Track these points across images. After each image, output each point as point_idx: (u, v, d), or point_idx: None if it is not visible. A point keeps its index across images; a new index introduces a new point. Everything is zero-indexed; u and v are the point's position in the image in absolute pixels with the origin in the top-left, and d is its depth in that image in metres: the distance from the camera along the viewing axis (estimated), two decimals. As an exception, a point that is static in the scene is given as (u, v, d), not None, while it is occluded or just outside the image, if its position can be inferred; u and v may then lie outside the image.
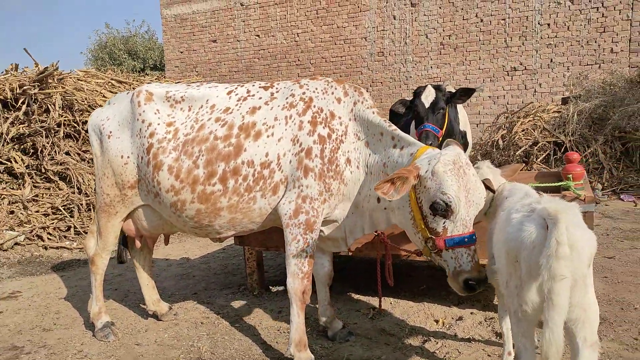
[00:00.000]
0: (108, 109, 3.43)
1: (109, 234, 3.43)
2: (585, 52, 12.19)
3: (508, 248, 1.94)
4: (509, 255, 1.95)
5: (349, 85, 3.12)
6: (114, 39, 29.64)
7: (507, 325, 2.53)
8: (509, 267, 1.98)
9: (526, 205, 2.04)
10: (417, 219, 2.55)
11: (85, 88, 7.96)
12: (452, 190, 2.37)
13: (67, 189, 6.98)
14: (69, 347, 3.41)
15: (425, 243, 2.56)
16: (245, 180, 2.97)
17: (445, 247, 2.46)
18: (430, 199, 2.44)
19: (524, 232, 1.84)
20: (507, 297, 2.03)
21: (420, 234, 2.57)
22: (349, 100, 3.06)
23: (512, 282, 1.98)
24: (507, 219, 2.07)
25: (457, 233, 2.45)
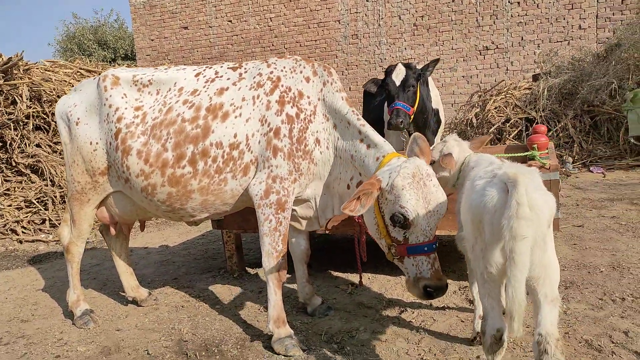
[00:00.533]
0: (75, 95, 3.37)
1: (82, 222, 3.41)
2: (554, 29, 12.41)
3: (472, 213, 2.01)
4: (473, 221, 2.02)
5: (318, 64, 3.12)
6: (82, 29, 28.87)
7: (476, 290, 2.63)
8: (474, 232, 2.06)
9: (489, 171, 2.11)
10: (380, 227, 2.59)
11: (53, 78, 7.76)
12: (410, 205, 2.41)
13: (39, 181, 6.85)
14: (48, 336, 3.40)
15: (388, 249, 2.60)
16: (214, 162, 2.97)
17: (406, 254, 2.51)
18: (390, 211, 2.48)
19: (486, 196, 1.91)
20: (474, 261, 2.11)
21: (384, 240, 2.61)
22: (318, 80, 3.06)
23: (477, 246, 2.06)
24: (472, 186, 2.14)
25: (417, 242, 2.49)
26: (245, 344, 3.04)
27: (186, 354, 2.94)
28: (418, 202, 2.42)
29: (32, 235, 6.23)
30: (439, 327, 3.02)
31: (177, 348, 3.04)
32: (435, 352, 2.73)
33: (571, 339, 2.73)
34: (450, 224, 3.47)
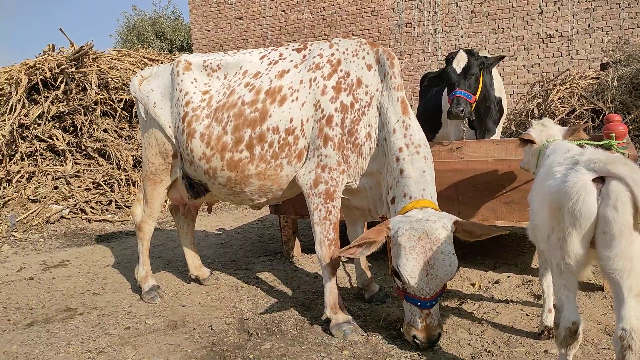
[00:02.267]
0: (153, 80, 3.51)
1: (154, 202, 3.57)
2: (625, 15, 11.64)
3: (551, 200, 1.93)
4: (551, 208, 1.94)
5: (382, 49, 3.00)
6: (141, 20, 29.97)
7: (547, 282, 2.54)
8: (551, 221, 1.98)
9: (568, 157, 2.02)
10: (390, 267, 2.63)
11: (119, 67, 8.14)
12: (406, 269, 2.44)
13: (106, 164, 7.23)
14: (119, 308, 3.60)
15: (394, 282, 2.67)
16: (271, 147, 2.97)
17: (403, 298, 2.60)
18: (394, 259, 2.53)
19: (568, 182, 1.83)
20: (549, 250, 2.03)
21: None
22: (379, 70, 2.95)
23: (554, 236, 1.98)
24: (549, 172, 2.06)
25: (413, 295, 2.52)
26: (304, 325, 3.09)
27: (248, 331, 3.03)
28: (415, 268, 2.43)
29: (100, 215, 6.60)
30: (503, 320, 2.95)
31: (239, 325, 3.14)
32: (500, 344, 2.66)
33: (648, 339, 2.58)
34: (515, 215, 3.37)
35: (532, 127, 2.74)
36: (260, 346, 2.83)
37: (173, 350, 2.87)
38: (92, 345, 3.00)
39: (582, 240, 1.84)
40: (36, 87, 7.34)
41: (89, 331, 3.21)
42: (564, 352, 2.01)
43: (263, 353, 2.75)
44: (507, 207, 3.37)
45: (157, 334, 3.10)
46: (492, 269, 3.81)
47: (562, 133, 2.68)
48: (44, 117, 7.14)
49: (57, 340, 3.10)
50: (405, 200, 2.67)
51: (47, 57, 7.58)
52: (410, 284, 2.45)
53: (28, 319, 3.48)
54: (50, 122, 7.26)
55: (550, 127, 2.69)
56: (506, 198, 3.36)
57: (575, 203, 1.80)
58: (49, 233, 6.15)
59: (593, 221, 1.77)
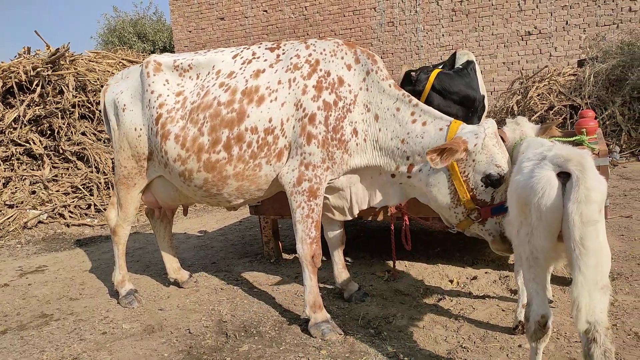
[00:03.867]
0: (122, 82, 3.47)
1: (129, 206, 3.52)
2: (602, 12, 11.82)
3: (519, 196, 1.95)
4: (519, 203, 1.97)
5: (361, 50, 3.00)
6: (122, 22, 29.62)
7: (522, 279, 2.56)
8: (520, 216, 2.00)
9: (537, 154, 2.04)
10: (462, 193, 2.64)
11: (97, 69, 8.02)
12: (503, 162, 2.57)
13: (85, 168, 7.12)
14: (95, 314, 3.55)
15: (467, 215, 2.67)
16: (249, 147, 2.95)
17: (491, 215, 2.61)
18: (483, 171, 2.59)
19: (534, 178, 1.85)
20: (519, 245, 2.06)
21: (463, 207, 2.67)
22: (360, 69, 2.95)
23: (522, 230, 2.00)
24: (518, 168, 2.08)
25: (500, 201, 2.59)
26: (282, 326, 3.08)
27: (226, 334, 3.01)
28: (504, 160, 2.58)
29: (79, 220, 6.50)
30: (479, 316, 2.97)
31: (217, 328, 3.11)
32: (475, 339, 2.68)
33: (619, 331, 2.63)
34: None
35: (506, 125, 2.78)
36: (238, 348, 2.82)
37: (149, 354, 2.84)
38: (66, 351, 2.95)
39: (549, 234, 1.87)
40: (11, 90, 7.20)
41: (64, 337, 3.16)
42: (535, 345, 2.03)
43: (241, 355, 2.74)
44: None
45: (134, 339, 3.06)
46: (470, 265, 3.84)
47: (535, 130, 2.72)
48: (20, 121, 7.01)
49: (31, 347, 3.04)
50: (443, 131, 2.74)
51: (22, 60, 7.44)
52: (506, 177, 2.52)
53: (1, 326, 3.41)
54: (26, 126, 7.13)
55: (523, 124, 2.73)
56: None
57: (540, 198, 1.82)
58: (26, 239, 6.04)
59: (558, 215, 1.79)
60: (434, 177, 2.72)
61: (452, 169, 2.64)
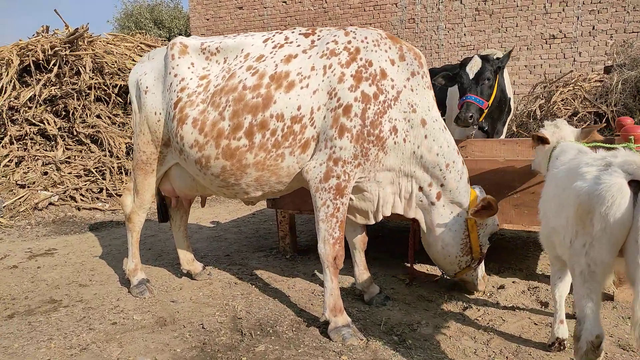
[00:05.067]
0: (147, 63, 3.32)
1: (145, 192, 3.39)
2: (631, 19, 11.53)
3: (580, 203, 1.78)
4: (579, 211, 1.80)
5: (407, 47, 2.82)
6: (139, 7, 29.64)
7: (559, 292, 2.40)
8: (577, 225, 1.83)
9: (598, 159, 1.87)
10: (474, 246, 3.00)
11: (115, 51, 7.91)
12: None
13: (98, 151, 7.02)
14: (106, 302, 3.43)
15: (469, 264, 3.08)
16: (273, 136, 2.77)
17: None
18: (491, 231, 3.07)
19: (602, 185, 1.68)
20: (572, 256, 1.89)
21: (470, 257, 3.06)
22: (405, 67, 2.79)
23: (578, 241, 1.84)
24: (576, 173, 1.91)
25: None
26: (300, 327, 2.94)
27: (241, 331, 2.87)
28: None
29: (90, 203, 6.40)
30: (509, 328, 2.81)
31: (232, 325, 2.98)
32: (507, 354, 2.52)
33: (664, 353, 2.45)
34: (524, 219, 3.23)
35: (545, 127, 2.63)
36: (254, 348, 2.68)
37: (161, 349, 2.70)
38: (75, 340, 2.83)
39: (612, 247, 1.71)
40: (28, 69, 7.11)
41: (73, 325, 3.04)
42: (584, 367, 1.86)
43: (257, 355, 2.60)
44: (516, 210, 3.23)
45: (145, 331, 2.93)
46: (496, 273, 3.68)
47: (575, 135, 2.55)
48: (35, 100, 6.91)
49: (39, 334, 2.92)
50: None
51: (40, 38, 7.34)
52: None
53: (9, 310, 3.30)
54: (41, 106, 7.04)
55: (563, 128, 2.59)
56: (516, 201, 3.22)
57: (609, 207, 1.65)
58: (36, 220, 5.95)
59: (627, 227, 1.63)
60: (455, 222, 2.94)
61: (471, 223, 2.94)
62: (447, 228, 2.91)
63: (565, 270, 2.35)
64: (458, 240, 2.95)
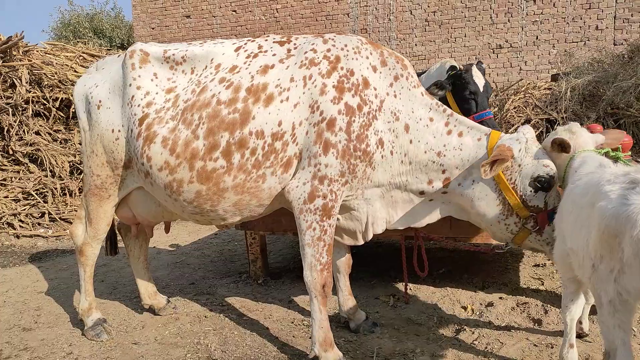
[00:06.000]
0: (96, 74, 2.94)
1: (100, 221, 2.99)
2: (570, 29, 12.11)
3: (606, 225, 1.63)
4: (605, 234, 1.65)
5: (388, 52, 2.64)
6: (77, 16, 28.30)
7: (571, 315, 2.26)
8: (602, 248, 1.68)
9: (621, 175, 1.73)
10: (513, 201, 2.47)
11: (55, 62, 7.29)
12: (550, 162, 2.42)
13: (38, 172, 6.39)
14: (56, 348, 2.98)
15: (523, 226, 2.48)
16: (253, 155, 2.51)
17: (548, 222, 2.43)
18: (532, 175, 2.44)
19: (632, 206, 1.53)
20: (597, 283, 1.74)
21: (516, 216, 2.49)
22: (387, 72, 2.59)
23: (603, 266, 1.69)
24: (597, 191, 1.76)
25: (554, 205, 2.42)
26: (285, 365, 2.65)
27: (219, 376, 2.55)
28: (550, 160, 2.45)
29: (30, 230, 5.78)
30: (509, 352, 2.65)
31: (208, 369, 2.64)
32: (514, 383, 2.35)
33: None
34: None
35: (558, 133, 2.41)
36: (237, 396, 2.36)
37: (127, 406, 2.33)
38: (20, 402, 2.40)
39: (646, 275, 1.55)
40: (-47, 82, 6.39)
41: (16, 382, 2.59)
42: (615, 404, 1.71)
43: (241, 406, 2.28)
44: (504, 224, 3.10)
45: (106, 384, 2.54)
46: (481, 289, 3.54)
47: (596, 141, 2.40)
48: (-37, 116, 6.21)
49: (-26, 397, 2.46)
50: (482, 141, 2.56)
51: (-33, 48, 6.62)
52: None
53: None
54: (-30, 123, 6.33)
55: (580, 134, 2.39)
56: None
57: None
58: (-33, 252, 5.27)
59: None
60: (480, 189, 2.52)
61: (498, 178, 2.46)
62: (478, 199, 2.53)
63: (578, 293, 2.21)
64: (493, 204, 2.51)
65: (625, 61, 9.19)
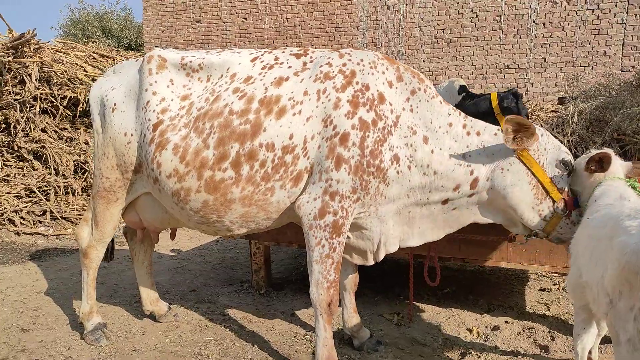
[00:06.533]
0: (113, 77, 2.93)
1: (106, 224, 2.96)
2: (579, 54, 12.15)
3: (626, 262, 1.60)
4: (625, 271, 1.61)
5: (404, 67, 2.63)
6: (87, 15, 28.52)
7: (583, 344, 2.22)
8: (621, 285, 1.65)
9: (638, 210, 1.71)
10: (546, 183, 2.46)
11: (65, 60, 7.29)
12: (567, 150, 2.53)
13: (42, 169, 6.36)
14: (54, 352, 2.94)
15: (554, 210, 2.47)
16: (262, 167, 2.49)
17: (574, 206, 2.45)
18: (556, 157, 2.49)
19: (656, 243, 1.51)
20: (615, 320, 1.70)
21: (550, 199, 2.47)
22: (403, 87, 2.57)
23: (622, 304, 1.65)
24: (616, 226, 1.74)
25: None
26: (287, 381, 2.60)
27: (220, 389, 2.50)
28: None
29: (31, 228, 5.73)
30: (517, 379, 2.61)
31: (209, 381, 2.59)
32: (522, 412, 2.31)
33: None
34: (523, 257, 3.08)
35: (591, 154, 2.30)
36: (238, 411, 2.32)
37: (126, 416, 2.28)
38: (17, 406, 2.35)
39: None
40: (-37, 75, 6.38)
41: (13, 385, 2.55)
42: None
43: (242, 421, 2.24)
44: (514, 248, 3.07)
45: (105, 391, 2.49)
46: (486, 312, 3.50)
47: (625, 169, 2.32)
48: (-30, 110, 6.19)
49: (-30, 399, 2.41)
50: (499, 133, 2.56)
51: (-21, 42, 6.64)
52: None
53: None
54: (-23, 117, 6.31)
55: (615, 161, 2.27)
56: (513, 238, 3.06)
57: (668, 269, 1.47)
58: (-34, 246, 5.23)
59: None
60: (512, 176, 2.46)
61: (527, 160, 2.45)
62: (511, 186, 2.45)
63: (591, 322, 2.18)
64: (527, 189, 2.44)
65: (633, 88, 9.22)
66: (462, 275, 4.35)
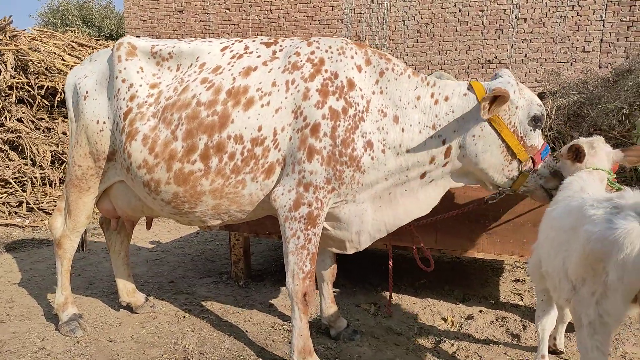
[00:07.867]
0: (87, 65, 2.89)
1: (80, 213, 2.92)
2: (558, 50, 12.34)
3: (591, 249, 1.65)
4: (589, 258, 1.67)
5: (372, 50, 2.60)
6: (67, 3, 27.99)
7: (543, 326, 2.29)
8: (585, 272, 1.71)
9: (603, 200, 1.76)
10: (514, 145, 2.47)
11: (42, 49, 7.14)
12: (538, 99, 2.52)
13: (18, 160, 6.23)
14: (27, 343, 2.91)
15: (522, 169, 2.52)
16: (231, 160, 2.47)
17: (541, 159, 2.52)
18: (529, 114, 2.49)
19: (619, 230, 1.56)
20: (578, 305, 1.76)
21: (517, 160, 2.51)
22: (372, 70, 2.54)
23: (586, 289, 1.71)
24: (580, 215, 1.79)
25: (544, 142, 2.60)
26: (263, 370, 2.62)
27: (196, 379, 2.51)
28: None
29: (7, 219, 5.63)
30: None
31: (185, 370, 2.60)
32: (491, 397, 2.37)
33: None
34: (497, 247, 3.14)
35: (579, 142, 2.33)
36: (213, 399, 2.33)
37: (99, 405, 2.28)
38: (-12, 398, 2.32)
39: (628, 297, 1.59)
40: None
41: (-16, 376, 2.52)
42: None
43: (217, 410, 2.25)
44: (488, 239, 3.13)
45: (78, 382, 2.48)
46: (461, 302, 3.56)
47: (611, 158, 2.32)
48: (-57, 98, 6.03)
49: (-61, 390, 2.38)
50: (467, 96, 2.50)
51: (-49, 28, 6.46)
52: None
53: None
54: (-50, 106, 6.16)
55: (598, 152, 2.30)
56: (488, 229, 3.13)
57: (628, 255, 1.53)
58: (-62, 238, 5.11)
59: None
60: (483, 142, 2.47)
61: (497, 124, 2.45)
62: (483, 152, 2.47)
63: (552, 304, 2.24)
64: (497, 153, 2.47)
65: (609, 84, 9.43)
66: (439, 266, 4.41)
